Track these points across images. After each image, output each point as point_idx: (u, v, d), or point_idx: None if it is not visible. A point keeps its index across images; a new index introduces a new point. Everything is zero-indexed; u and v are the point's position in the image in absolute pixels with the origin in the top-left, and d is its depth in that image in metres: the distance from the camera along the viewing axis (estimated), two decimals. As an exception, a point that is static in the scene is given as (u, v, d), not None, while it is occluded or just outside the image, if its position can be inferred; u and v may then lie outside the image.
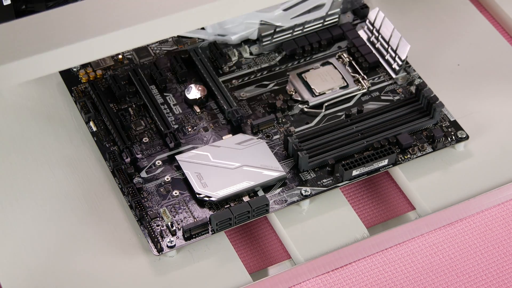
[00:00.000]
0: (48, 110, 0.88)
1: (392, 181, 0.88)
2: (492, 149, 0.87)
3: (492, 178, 0.84)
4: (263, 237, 0.84)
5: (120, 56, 0.91)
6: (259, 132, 0.86)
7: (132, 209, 0.80)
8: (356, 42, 0.92)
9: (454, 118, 0.87)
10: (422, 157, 0.85)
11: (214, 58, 0.91)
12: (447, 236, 0.83)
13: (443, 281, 0.80)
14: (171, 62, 0.90)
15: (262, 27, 0.91)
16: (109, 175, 0.84)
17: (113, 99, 0.88)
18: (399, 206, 0.86)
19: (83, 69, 0.90)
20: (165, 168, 0.83)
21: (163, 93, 0.89)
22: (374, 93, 0.89)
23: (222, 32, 0.93)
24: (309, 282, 0.80)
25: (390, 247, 0.82)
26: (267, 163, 0.82)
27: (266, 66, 0.91)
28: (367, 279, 0.80)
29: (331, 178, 0.83)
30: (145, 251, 0.79)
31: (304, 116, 0.88)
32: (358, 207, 0.86)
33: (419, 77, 0.90)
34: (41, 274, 0.77)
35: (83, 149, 0.86)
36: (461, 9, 0.98)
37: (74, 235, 0.80)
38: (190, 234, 0.79)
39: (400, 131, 0.85)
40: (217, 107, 0.88)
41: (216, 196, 0.80)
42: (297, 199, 0.81)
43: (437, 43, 0.95)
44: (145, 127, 0.86)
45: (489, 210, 0.84)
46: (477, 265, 0.81)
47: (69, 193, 0.83)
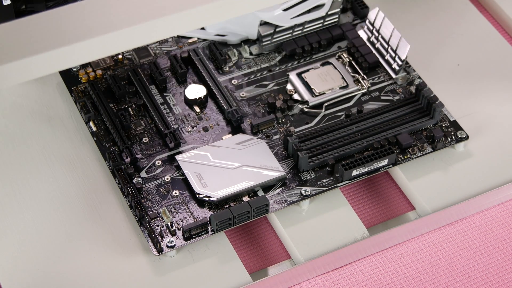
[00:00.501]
0: (48, 110, 0.88)
1: (392, 181, 0.88)
2: (492, 149, 0.87)
3: (492, 178, 0.84)
4: (263, 237, 0.84)
5: (120, 56, 0.91)
6: (259, 132, 0.86)
7: (132, 209, 0.80)
8: (356, 42, 0.92)
9: (454, 118, 0.87)
10: (422, 157, 0.85)
11: (214, 58, 0.92)
12: (447, 236, 0.83)
13: (443, 281, 0.80)
14: (171, 62, 0.90)
15: (262, 27, 0.91)
16: (109, 175, 0.84)
17: (113, 99, 0.88)
18: (399, 206, 0.86)
19: (83, 69, 0.90)
20: (165, 168, 0.83)
21: (163, 93, 0.89)
22: (374, 93, 0.89)
23: (222, 32, 0.93)
24: (309, 282, 0.80)
25: (390, 247, 0.82)
26: (267, 163, 0.82)
27: (266, 66, 0.91)
28: (367, 279, 0.80)
29: (331, 178, 0.83)
30: (145, 251, 0.79)
31: (304, 116, 0.88)
32: (358, 207, 0.86)
33: (419, 77, 0.90)
34: (41, 274, 0.77)
35: (83, 149, 0.86)
36: (461, 9, 0.98)
37: (74, 235, 0.80)
38: (190, 234, 0.79)
39: (400, 131, 0.85)
40: (217, 107, 0.88)
41: (216, 196, 0.80)
42: (297, 199, 0.81)
43: (437, 43, 0.95)
44: (145, 127, 0.86)
45: (489, 210, 0.84)
46: (477, 265, 0.81)
47: (69, 193, 0.83)
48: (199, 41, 0.93)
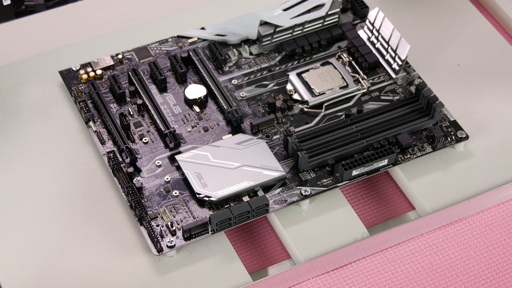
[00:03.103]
0: (48, 110, 0.88)
1: (392, 181, 0.88)
2: (492, 149, 0.87)
3: (492, 178, 0.84)
4: (263, 237, 0.84)
5: (120, 56, 0.91)
6: (259, 132, 0.86)
7: (132, 209, 0.80)
8: (356, 42, 0.92)
9: (454, 118, 0.87)
10: (422, 157, 0.85)
11: (214, 58, 0.92)
12: (447, 236, 0.83)
13: (443, 281, 0.80)
14: (171, 62, 0.90)
15: (262, 27, 0.91)
16: (109, 175, 0.84)
17: (113, 99, 0.88)
18: (399, 206, 0.86)
19: (83, 69, 0.90)
20: (165, 168, 0.83)
21: (163, 93, 0.89)
22: (374, 93, 0.89)
23: (222, 32, 0.93)
24: (309, 282, 0.80)
25: (390, 247, 0.82)
26: (267, 163, 0.82)
27: (266, 66, 0.91)
28: (367, 279, 0.80)
29: (331, 178, 0.83)
30: (145, 251, 0.79)
31: (304, 116, 0.88)
32: (358, 207, 0.86)
33: (419, 77, 0.90)
34: (41, 274, 0.77)
35: (83, 149, 0.86)
36: (461, 9, 0.98)
37: (74, 235, 0.80)
38: (190, 234, 0.79)
39: (400, 131, 0.85)
40: (217, 107, 0.88)
41: (216, 196, 0.80)
42: (297, 199, 0.81)
43: (437, 43, 0.95)
44: (145, 127, 0.86)
45: (489, 210, 0.84)
46: (477, 265, 0.81)
47: (69, 193, 0.83)
48: (199, 41, 0.93)
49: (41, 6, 0.90)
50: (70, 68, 0.90)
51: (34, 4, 0.89)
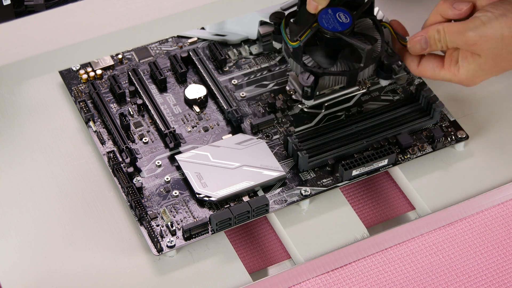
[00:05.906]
0: (48, 110, 0.88)
1: (392, 181, 0.88)
2: (492, 149, 0.87)
3: (492, 178, 0.84)
4: (263, 237, 0.84)
5: (120, 56, 0.91)
6: (259, 132, 0.86)
7: (132, 209, 0.80)
8: (356, 42, 0.92)
9: (454, 118, 0.87)
10: (422, 157, 0.85)
11: (214, 58, 0.92)
12: (447, 236, 0.83)
13: (443, 281, 0.80)
14: (171, 62, 0.90)
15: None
16: (109, 175, 0.84)
17: (113, 99, 0.88)
18: (399, 206, 0.86)
19: (83, 69, 0.90)
20: (165, 168, 0.83)
21: (163, 93, 0.89)
22: (374, 93, 0.89)
23: (222, 32, 0.93)
24: (309, 282, 0.80)
25: (390, 247, 0.82)
26: (267, 163, 0.82)
27: (266, 66, 0.91)
28: (367, 279, 0.80)
29: (331, 178, 0.83)
30: (145, 251, 0.79)
31: (304, 116, 0.88)
32: (358, 207, 0.86)
33: (419, 77, 0.90)
34: (41, 274, 0.77)
35: (83, 149, 0.86)
36: (461, 9, 0.98)
37: (74, 235, 0.80)
38: (190, 234, 0.79)
39: (400, 131, 0.85)
40: (217, 107, 0.88)
41: (216, 196, 0.80)
42: (297, 199, 0.81)
43: (437, 43, 0.95)
44: (145, 127, 0.86)
45: (489, 210, 0.84)
46: (477, 265, 0.81)
47: (69, 193, 0.83)
48: (199, 41, 0.93)
49: (41, 6, 0.90)
50: (70, 68, 0.90)
51: (34, 4, 0.90)
